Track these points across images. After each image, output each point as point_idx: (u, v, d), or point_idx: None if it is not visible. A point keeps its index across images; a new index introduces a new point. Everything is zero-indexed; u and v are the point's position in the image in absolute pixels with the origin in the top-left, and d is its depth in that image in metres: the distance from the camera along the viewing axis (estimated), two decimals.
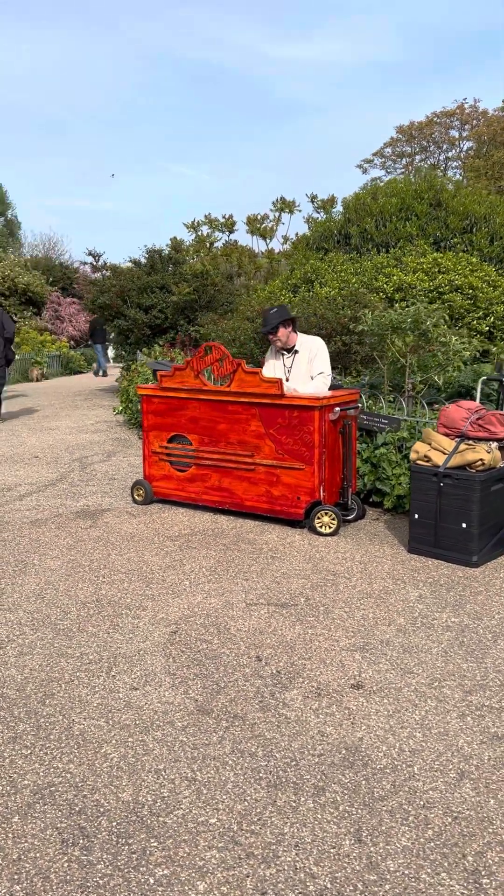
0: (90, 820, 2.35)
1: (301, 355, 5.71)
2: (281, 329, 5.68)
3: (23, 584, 4.36)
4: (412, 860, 2.16)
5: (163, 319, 13.09)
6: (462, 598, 4.11)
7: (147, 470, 6.00)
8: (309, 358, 5.70)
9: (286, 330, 5.70)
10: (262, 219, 23.53)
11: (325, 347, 5.75)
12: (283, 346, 5.74)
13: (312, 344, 5.74)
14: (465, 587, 4.26)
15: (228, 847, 2.22)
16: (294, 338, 5.76)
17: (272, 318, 5.70)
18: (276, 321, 5.66)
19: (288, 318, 5.71)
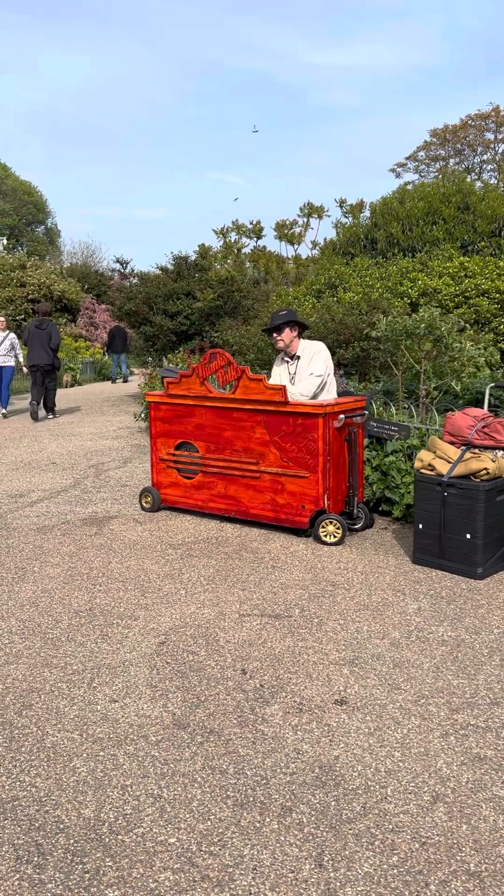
0: (48, 837, 2.31)
1: (303, 360, 5.63)
2: (286, 330, 5.60)
3: (19, 591, 4.35)
4: (372, 888, 2.08)
5: (188, 326, 13.10)
6: (462, 611, 4.00)
7: (155, 477, 5.97)
8: (308, 361, 5.62)
9: (291, 333, 5.63)
10: (290, 224, 23.47)
11: (324, 350, 5.65)
12: (286, 349, 5.66)
13: (312, 348, 5.66)
14: (467, 600, 4.15)
15: (184, 869, 2.17)
16: (297, 344, 5.68)
17: (278, 318, 5.62)
18: (282, 321, 5.59)
19: (294, 322, 5.64)
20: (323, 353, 5.63)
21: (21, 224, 68.00)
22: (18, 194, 67.96)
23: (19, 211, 67.33)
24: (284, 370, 5.73)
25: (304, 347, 5.67)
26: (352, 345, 8.21)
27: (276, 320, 5.62)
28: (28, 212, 68.75)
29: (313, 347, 5.65)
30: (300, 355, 5.64)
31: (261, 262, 21.59)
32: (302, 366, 5.62)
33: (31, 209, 69.08)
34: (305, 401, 5.23)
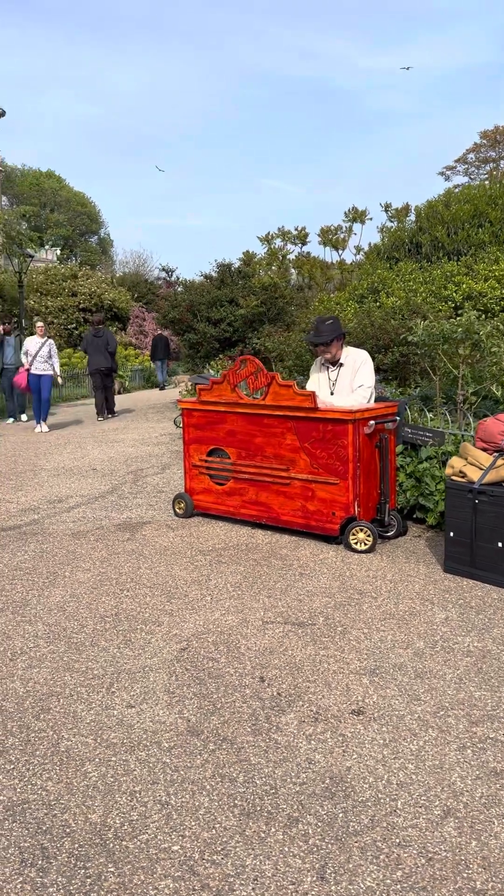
0: (54, 840, 2.33)
1: (346, 368, 5.59)
2: (335, 343, 5.56)
3: (49, 595, 4.41)
4: None
5: (231, 332, 13.15)
6: (491, 621, 3.92)
7: (188, 483, 6.00)
8: (353, 370, 5.57)
9: (338, 343, 5.59)
10: (335, 230, 23.37)
11: (369, 360, 5.61)
12: (331, 359, 5.63)
13: (357, 356, 5.61)
14: (497, 610, 4.06)
15: (185, 877, 2.16)
16: (342, 352, 5.65)
17: (327, 330, 5.55)
18: (332, 335, 5.52)
19: (342, 334, 5.60)
20: (369, 362, 5.57)
21: (75, 234, 69.21)
22: (72, 205, 69.21)
23: (73, 222, 68.55)
24: (325, 377, 5.68)
25: (347, 354, 5.62)
26: (391, 350, 8.13)
27: (324, 334, 5.53)
28: (82, 222, 69.95)
29: (358, 356, 5.59)
30: (343, 363, 5.59)
31: (305, 268, 21.55)
32: (345, 374, 5.56)
33: (84, 220, 70.29)
34: (335, 407, 5.19)
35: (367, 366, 5.54)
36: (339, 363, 5.61)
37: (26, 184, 67.55)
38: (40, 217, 66.91)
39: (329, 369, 5.66)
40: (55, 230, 67.04)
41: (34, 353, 12.23)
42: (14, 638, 3.83)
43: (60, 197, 68.77)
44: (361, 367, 5.53)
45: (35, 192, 67.13)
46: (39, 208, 66.92)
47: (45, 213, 67.12)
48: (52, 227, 66.70)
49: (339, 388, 5.58)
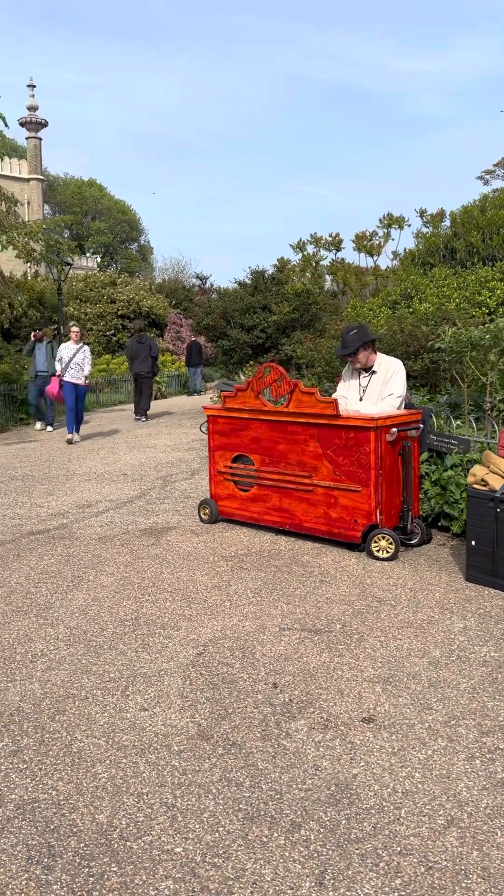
0: (60, 839, 2.38)
1: (378, 376, 5.58)
2: (361, 352, 5.57)
3: (72, 599, 4.49)
4: None
5: (264, 339, 13.20)
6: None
7: (213, 489, 6.05)
8: (384, 379, 5.55)
9: (366, 352, 5.59)
10: (370, 236, 23.31)
11: (402, 370, 5.57)
12: (363, 366, 5.63)
13: (390, 365, 5.59)
14: None
15: (185, 878, 2.19)
16: (374, 358, 5.63)
17: (352, 340, 5.57)
18: (357, 345, 5.54)
19: (368, 340, 5.60)
20: (401, 372, 5.54)
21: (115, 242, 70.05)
22: (113, 213, 70.10)
23: (114, 229, 69.41)
24: (356, 383, 5.69)
25: (380, 362, 5.60)
26: (420, 356, 8.10)
27: (349, 345, 5.55)
28: (122, 230, 70.79)
29: (391, 365, 5.58)
30: (376, 370, 5.59)
31: (339, 274, 21.53)
32: (376, 381, 5.56)
33: (125, 227, 71.12)
34: (357, 414, 5.19)
35: (400, 375, 5.52)
36: (372, 370, 5.61)
37: (68, 192, 68.58)
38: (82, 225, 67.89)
39: (361, 375, 5.66)
40: (96, 238, 67.95)
41: (68, 359, 11.50)
42: (36, 640, 3.91)
43: (101, 205, 69.69)
44: (394, 376, 5.51)
45: (77, 200, 68.10)
46: (81, 216, 67.92)
47: (86, 222, 68.08)
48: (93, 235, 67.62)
49: (369, 395, 5.58)
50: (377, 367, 5.56)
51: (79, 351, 11.64)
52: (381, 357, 5.61)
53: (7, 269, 19.87)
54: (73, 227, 66.61)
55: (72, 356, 11.56)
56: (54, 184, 68.91)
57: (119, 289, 30.38)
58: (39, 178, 53.14)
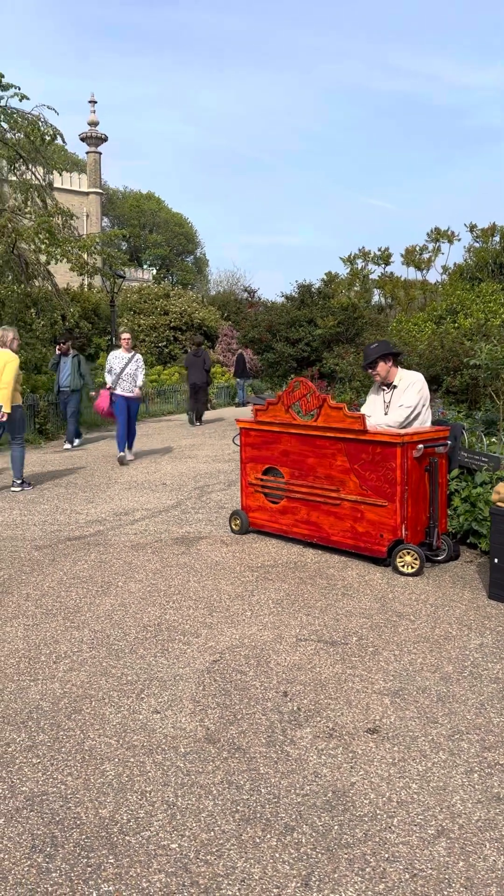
0: (64, 831, 2.50)
1: (398, 390, 5.64)
2: (380, 364, 5.65)
3: (100, 604, 4.64)
4: None
5: (309, 352, 13.29)
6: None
7: (244, 501, 6.15)
8: (403, 392, 5.62)
9: (386, 365, 5.67)
10: (420, 250, 23.23)
11: (419, 383, 5.62)
12: (384, 381, 5.70)
13: (409, 378, 5.65)
14: None
15: (178, 873, 2.29)
16: (394, 373, 5.71)
17: (371, 352, 5.70)
18: (375, 356, 5.65)
19: (387, 353, 5.67)
20: (418, 384, 5.60)
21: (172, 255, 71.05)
22: (170, 226, 71.15)
23: (170, 242, 70.44)
24: (380, 399, 5.77)
25: (401, 377, 5.68)
26: (460, 372, 8.09)
27: (368, 357, 5.68)
28: (179, 243, 71.79)
29: (409, 378, 5.65)
30: (397, 385, 5.66)
31: (386, 288, 21.51)
32: (397, 395, 5.63)
33: (181, 240, 72.11)
34: (385, 429, 5.25)
35: (415, 387, 5.57)
36: (393, 385, 5.67)
37: (127, 205, 69.85)
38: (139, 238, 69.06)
39: (384, 391, 5.73)
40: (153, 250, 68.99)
41: (119, 370, 10.41)
42: (61, 642, 4.06)
43: (159, 218, 70.77)
44: (409, 388, 5.58)
45: (135, 213, 69.30)
46: (139, 229, 69.09)
47: (144, 234, 69.22)
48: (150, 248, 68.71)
49: (393, 410, 5.63)
50: (397, 381, 5.62)
51: (131, 360, 10.54)
52: (401, 372, 5.67)
53: (64, 280, 20.41)
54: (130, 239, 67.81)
55: (123, 366, 10.46)
56: (113, 197, 70.29)
57: (172, 301, 30.80)
58: (98, 191, 54.24)
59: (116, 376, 10.48)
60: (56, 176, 18.90)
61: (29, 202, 15.82)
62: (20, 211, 15.60)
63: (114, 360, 10.64)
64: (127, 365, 10.52)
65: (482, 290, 12.39)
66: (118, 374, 10.47)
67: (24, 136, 15.58)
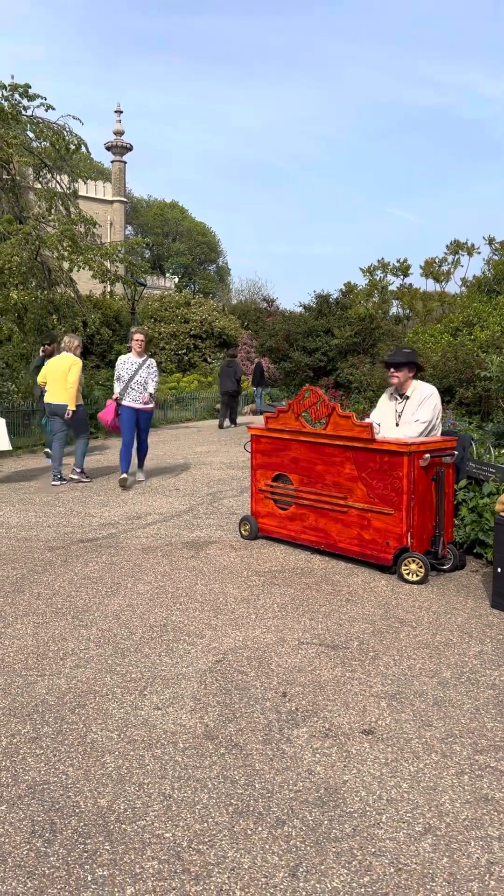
0: (63, 818, 2.59)
1: (412, 402, 5.71)
2: (404, 369, 5.71)
3: (108, 604, 4.74)
4: None
5: (326, 362, 13.38)
6: None
7: (254, 506, 6.24)
8: (417, 404, 5.68)
9: (408, 373, 5.74)
10: (439, 262, 23.28)
11: (435, 397, 5.68)
12: (399, 388, 5.77)
13: (423, 391, 5.71)
14: None
15: (170, 860, 2.37)
16: (409, 384, 5.78)
17: (401, 354, 5.73)
18: (404, 359, 5.69)
19: (413, 362, 5.75)
20: (433, 398, 5.66)
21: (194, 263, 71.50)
22: (193, 235, 71.65)
23: (193, 251, 70.92)
24: (392, 407, 5.83)
25: (415, 388, 5.74)
26: (473, 384, 8.14)
27: (397, 356, 5.72)
28: (201, 251, 72.27)
29: (424, 391, 5.70)
30: (410, 396, 5.73)
31: (405, 299, 21.58)
32: (410, 406, 5.69)
33: (204, 249, 72.58)
34: (390, 439, 5.31)
35: (431, 402, 5.62)
36: (406, 396, 5.74)
37: (151, 214, 70.41)
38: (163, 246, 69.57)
39: (397, 401, 5.80)
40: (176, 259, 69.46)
41: (128, 377, 8.90)
42: (69, 640, 4.16)
43: (182, 227, 71.25)
44: (425, 401, 5.63)
45: (159, 221, 69.84)
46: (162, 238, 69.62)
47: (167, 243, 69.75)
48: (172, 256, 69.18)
49: (404, 421, 5.70)
50: (411, 392, 5.68)
51: (142, 367, 8.95)
52: (415, 383, 5.73)
53: (87, 288, 20.62)
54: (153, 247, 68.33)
55: (133, 373, 8.87)
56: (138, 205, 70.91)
57: (193, 309, 31.05)
58: (122, 200, 54.75)
59: (125, 385, 8.90)
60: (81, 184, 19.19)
61: (53, 210, 16.08)
62: (44, 219, 15.84)
63: (122, 366, 9.00)
64: (137, 372, 8.90)
65: (500, 302, 12.42)
66: (126, 381, 8.89)
67: (49, 144, 15.86)
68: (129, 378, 8.96)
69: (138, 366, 9.00)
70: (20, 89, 15.58)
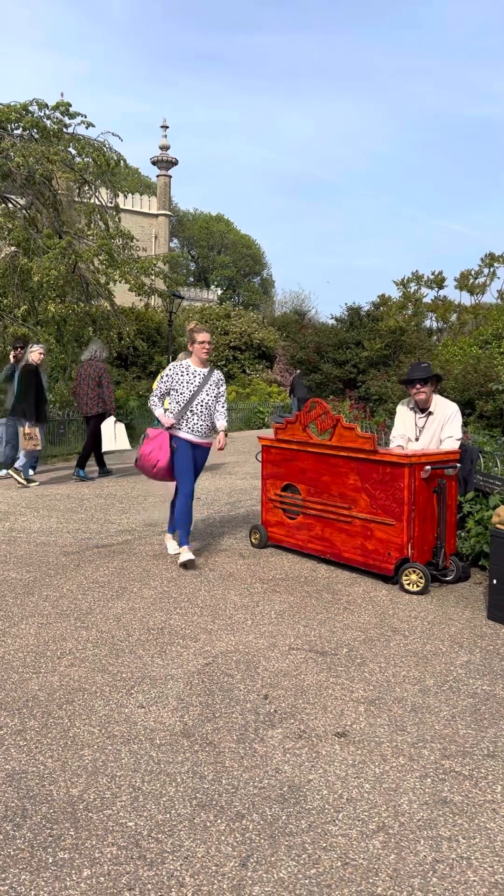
0: (35, 805, 2.73)
1: (435, 417, 5.79)
2: (429, 384, 5.81)
3: (111, 607, 4.89)
4: (277, 891, 2.29)
5: (356, 374, 13.44)
6: None
7: (264, 515, 6.35)
8: (441, 422, 5.76)
9: (431, 387, 5.84)
10: (475, 274, 23.16)
11: (459, 413, 5.80)
12: (423, 403, 5.84)
13: (447, 408, 5.80)
14: None
15: (128, 847, 2.50)
16: (432, 399, 5.85)
17: (421, 371, 5.82)
18: (426, 375, 5.77)
19: (437, 377, 5.85)
20: (458, 415, 5.80)
21: (238, 275, 71.97)
22: (238, 247, 72.15)
23: (238, 263, 71.41)
24: (412, 420, 5.90)
25: (437, 404, 5.82)
26: (493, 397, 8.14)
27: (418, 372, 5.79)
28: (246, 264, 72.71)
29: (448, 408, 5.79)
30: (433, 412, 5.80)
31: (438, 312, 21.50)
32: (432, 423, 5.78)
33: (248, 261, 73.01)
34: (392, 450, 5.39)
35: (458, 418, 5.74)
36: (429, 411, 5.81)
37: (196, 227, 71.16)
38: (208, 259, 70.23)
39: (418, 415, 5.87)
40: (220, 271, 70.03)
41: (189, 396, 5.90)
42: (68, 640, 4.33)
43: (227, 239, 71.83)
44: (452, 418, 5.72)
45: (204, 234, 70.53)
46: (207, 250, 70.29)
47: (212, 255, 70.39)
48: (217, 269, 69.78)
49: (425, 437, 5.78)
50: (433, 408, 5.76)
51: (209, 381, 5.99)
52: (437, 399, 5.80)
53: (129, 300, 20.99)
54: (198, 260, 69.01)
55: (195, 390, 5.93)
56: (184, 219, 71.73)
57: (233, 321, 31.28)
58: (167, 213, 55.44)
59: (184, 406, 5.91)
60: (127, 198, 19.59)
61: (92, 225, 16.46)
62: (82, 233, 16.22)
63: (178, 376, 5.98)
64: (202, 388, 5.95)
65: None
66: (187, 401, 5.91)
67: (92, 160, 16.26)
68: (191, 397, 5.91)
69: (202, 379, 5.97)
70: (61, 108, 16.02)
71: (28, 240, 14.25)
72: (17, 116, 14.86)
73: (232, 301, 60.27)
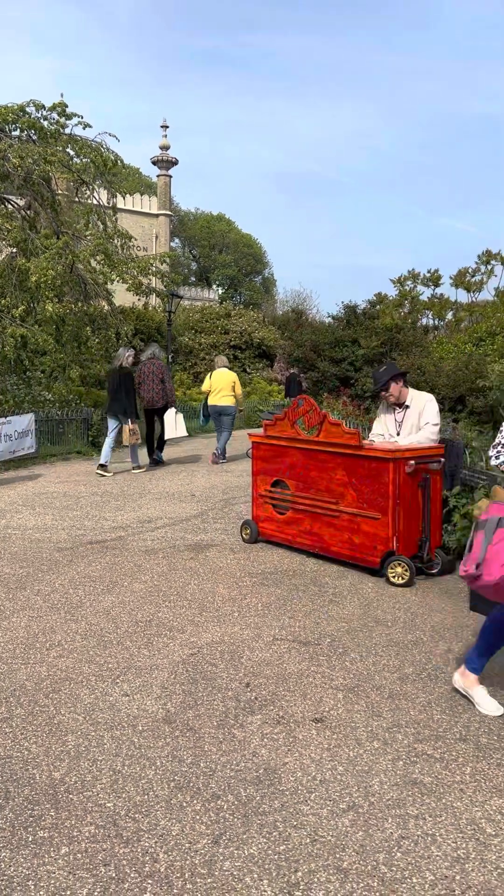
0: (18, 787, 2.83)
1: (412, 410, 5.88)
2: (392, 385, 5.90)
3: (101, 601, 4.99)
4: (247, 865, 2.38)
5: (352, 371, 13.51)
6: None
7: (255, 511, 6.44)
8: (418, 411, 5.85)
9: (397, 385, 5.91)
10: (472, 272, 23.20)
11: (433, 400, 5.88)
12: (396, 401, 5.94)
13: (421, 398, 5.89)
14: None
15: (106, 826, 2.59)
16: (406, 393, 5.94)
17: (381, 376, 5.93)
18: (386, 378, 5.88)
19: (398, 374, 5.92)
20: (433, 402, 5.88)
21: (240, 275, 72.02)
22: (239, 247, 72.19)
23: (239, 262, 71.45)
24: (391, 418, 6.00)
25: (412, 397, 5.91)
26: (483, 393, 8.22)
27: (380, 380, 5.91)
28: (247, 263, 72.73)
29: (422, 398, 5.89)
30: (409, 405, 5.90)
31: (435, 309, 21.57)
32: (411, 415, 5.87)
33: (250, 261, 73.03)
34: (377, 445, 5.48)
35: (432, 405, 5.82)
36: (406, 405, 5.90)
37: (197, 227, 71.21)
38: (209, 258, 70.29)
39: (395, 411, 5.97)
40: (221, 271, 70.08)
41: None
42: (57, 632, 4.42)
43: (228, 239, 71.84)
44: (427, 406, 5.81)
45: (205, 234, 70.58)
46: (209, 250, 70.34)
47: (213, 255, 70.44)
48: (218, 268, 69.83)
49: (405, 429, 5.86)
50: (409, 401, 5.84)
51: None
52: (412, 392, 5.89)
53: (129, 300, 21.06)
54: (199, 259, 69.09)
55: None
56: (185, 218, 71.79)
57: (233, 320, 31.33)
58: (167, 213, 55.45)
59: None
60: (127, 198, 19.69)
61: (90, 225, 16.56)
62: (80, 233, 16.32)
63: None
64: None
65: None
66: None
67: (90, 161, 16.35)
68: None
69: None
70: (58, 108, 16.11)
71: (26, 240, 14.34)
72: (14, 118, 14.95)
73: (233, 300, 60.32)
